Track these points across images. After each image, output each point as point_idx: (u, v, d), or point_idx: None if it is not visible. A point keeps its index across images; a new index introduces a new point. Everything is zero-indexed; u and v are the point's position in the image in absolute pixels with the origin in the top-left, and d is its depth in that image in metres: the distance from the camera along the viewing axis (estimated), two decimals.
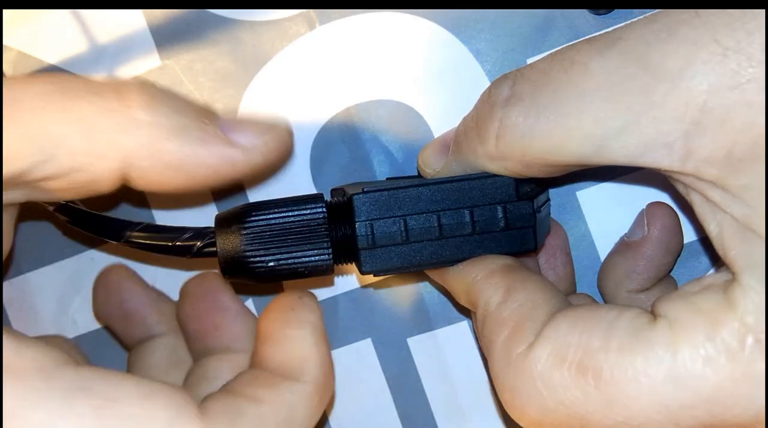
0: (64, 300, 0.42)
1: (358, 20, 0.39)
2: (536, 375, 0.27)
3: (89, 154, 0.27)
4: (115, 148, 0.27)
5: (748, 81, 0.24)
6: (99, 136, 0.27)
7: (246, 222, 0.32)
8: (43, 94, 0.27)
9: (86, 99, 0.27)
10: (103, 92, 0.27)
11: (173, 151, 0.28)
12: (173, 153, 0.28)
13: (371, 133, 0.39)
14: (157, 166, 0.28)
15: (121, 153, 0.27)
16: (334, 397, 0.41)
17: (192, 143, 0.28)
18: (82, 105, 0.27)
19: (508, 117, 0.29)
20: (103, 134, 0.27)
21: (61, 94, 0.27)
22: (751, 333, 0.24)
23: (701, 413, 0.25)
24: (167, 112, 0.28)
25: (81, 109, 0.27)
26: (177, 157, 0.28)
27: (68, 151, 0.27)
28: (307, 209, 0.33)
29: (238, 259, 0.32)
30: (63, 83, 0.27)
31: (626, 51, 0.26)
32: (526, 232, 0.33)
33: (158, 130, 0.28)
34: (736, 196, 0.25)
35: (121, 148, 0.27)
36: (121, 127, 0.27)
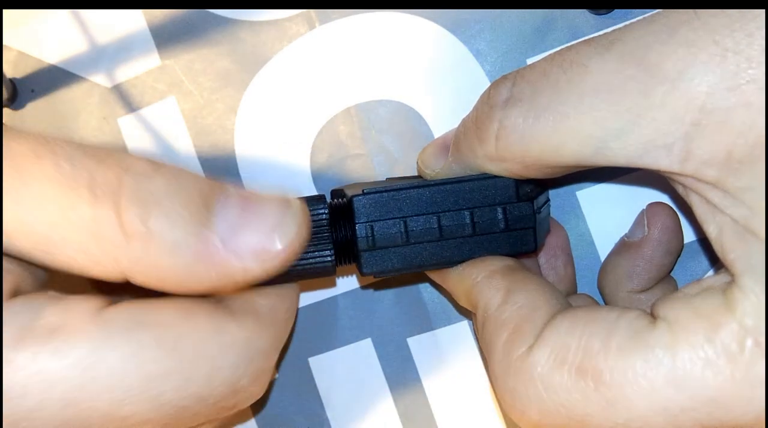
0: None
1: (358, 20, 0.39)
2: (536, 377, 0.27)
3: (86, 260, 0.27)
4: (110, 260, 0.26)
5: (747, 82, 0.24)
6: (96, 246, 0.26)
7: None
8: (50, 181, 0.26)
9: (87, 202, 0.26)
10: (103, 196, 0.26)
11: (167, 269, 0.27)
12: (167, 270, 0.27)
13: (371, 133, 0.39)
14: (152, 280, 0.27)
15: (117, 266, 0.27)
16: None
17: (186, 260, 0.27)
18: (82, 208, 0.26)
19: (508, 118, 0.29)
20: (99, 245, 0.26)
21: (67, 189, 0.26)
22: (750, 335, 0.24)
23: (701, 415, 0.25)
24: (164, 224, 0.26)
25: (81, 212, 0.26)
26: (171, 273, 0.27)
27: (66, 253, 0.26)
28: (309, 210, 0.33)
29: None
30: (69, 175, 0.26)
31: (625, 52, 0.26)
32: (526, 233, 0.33)
33: (152, 247, 0.26)
34: (736, 197, 0.25)
35: (115, 261, 0.27)
36: (116, 242, 0.26)
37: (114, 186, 0.26)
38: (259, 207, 0.28)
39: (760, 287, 0.24)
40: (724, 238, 0.26)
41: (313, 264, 0.32)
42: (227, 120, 0.40)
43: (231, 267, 0.27)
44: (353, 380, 0.41)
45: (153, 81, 0.40)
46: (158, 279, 0.27)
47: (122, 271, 0.27)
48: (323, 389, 0.41)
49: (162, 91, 0.40)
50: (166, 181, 0.27)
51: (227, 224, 0.27)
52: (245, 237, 0.27)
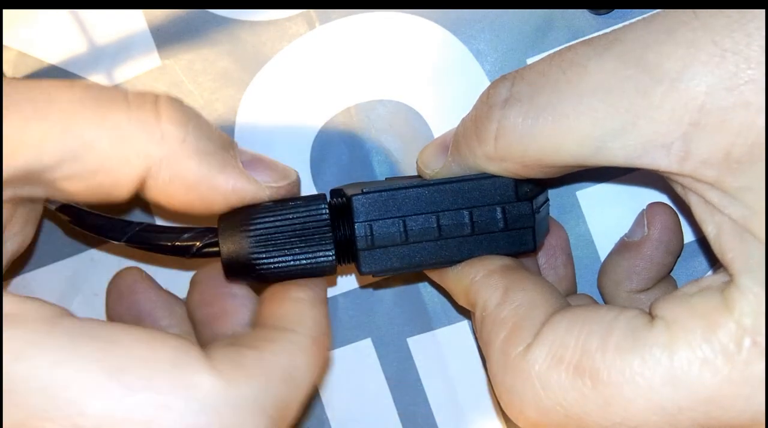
0: (64, 300, 0.42)
1: (358, 20, 0.39)
2: (534, 376, 0.27)
3: (116, 159, 0.28)
4: (140, 157, 0.29)
5: (746, 82, 0.24)
6: (128, 144, 0.28)
7: (249, 224, 0.32)
8: (80, 100, 0.28)
9: (122, 108, 0.28)
10: (139, 103, 0.29)
11: (193, 170, 0.29)
12: (193, 171, 0.29)
13: (371, 133, 0.39)
14: (175, 180, 0.29)
15: (146, 162, 0.29)
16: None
17: (212, 167, 0.30)
18: (117, 113, 0.28)
19: (507, 118, 0.29)
20: (132, 142, 0.28)
21: (98, 101, 0.28)
22: (748, 335, 0.24)
23: (698, 414, 0.25)
24: (197, 132, 0.30)
25: (115, 116, 0.28)
26: (195, 176, 0.29)
27: (96, 153, 0.28)
28: (309, 210, 0.33)
29: (242, 262, 0.32)
30: (101, 92, 0.29)
31: (624, 52, 0.26)
32: (525, 233, 0.33)
33: (184, 147, 0.29)
34: (735, 197, 0.25)
35: (146, 157, 0.29)
36: (151, 137, 0.29)
37: (150, 99, 0.29)
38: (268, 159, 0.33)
39: (759, 287, 0.24)
40: (722, 238, 0.26)
41: (315, 263, 0.32)
42: (227, 120, 0.40)
43: (247, 185, 0.31)
44: (353, 380, 0.41)
45: (153, 81, 0.40)
46: (181, 181, 0.29)
47: (147, 170, 0.29)
48: (323, 389, 0.41)
49: (162, 91, 0.40)
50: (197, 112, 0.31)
51: (245, 158, 0.32)
52: (259, 172, 0.32)
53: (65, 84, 0.29)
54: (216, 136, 0.31)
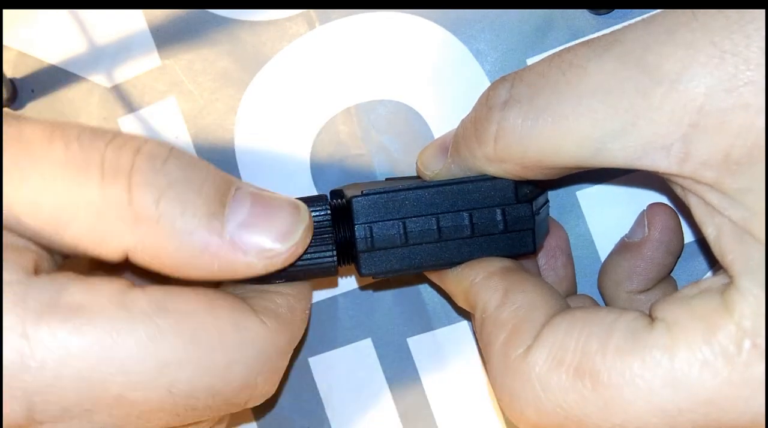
0: None
1: (358, 20, 0.39)
2: (534, 378, 0.27)
3: (92, 240, 0.27)
4: (116, 240, 0.27)
5: (745, 84, 0.24)
6: (103, 225, 0.27)
7: None
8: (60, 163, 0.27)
9: (97, 182, 0.26)
10: (113, 176, 0.27)
11: (173, 254, 0.27)
12: (173, 255, 0.27)
13: (371, 133, 0.39)
14: (155, 262, 0.28)
15: (123, 245, 0.27)
16: None
17: (193, 248, 0.27)
18: (92, 188, 0.26)
19: (507, 119, 0.29)
20: (106, 223, 0.27)
21: (76, 169, 0.26)
22: (748, 337, 0.24)
23: (698, 416, 0.25)
24: (174, 211, 0.27)
25: (90, 193, 0.26)
26: (176, 259, 0.28)
27: (73, 233, 0.27)
28: (311, 211, 0.33)
29: None
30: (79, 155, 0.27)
31: (624, 53, 0.26)
32: (525, 234, 0.33)
33: (160, 230, 0.27)
34: (734, 199, 0.25)
35: (122, 241, 0.27)
36: (124, 221, 0.27)
37: (126, 167, 0.27)
38: (271, 209, 0.29)
39: (758, 289, 0.24)
40: (722, 240, 0.26)
41: (316, 264, 0.32)
42: (227, 120, 0.40)
43: (235, 262, 0.28)
44: (353, 380, 0.41)
45: (153, 81, 0.40)
46: (160, 263, 0.28)
47: (126, 251, 0.28)
48: (323, 389, 0.41)
49: (162, 91, 0.40)
50: (181, 167, 0.28)
51: (238, 220, 0.28)
52: (254, 236, 0.28)
53: (45, 139, 0.27)
54: (200, 202, 0.27)
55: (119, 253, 0.28)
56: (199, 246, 0.27)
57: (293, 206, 0.29)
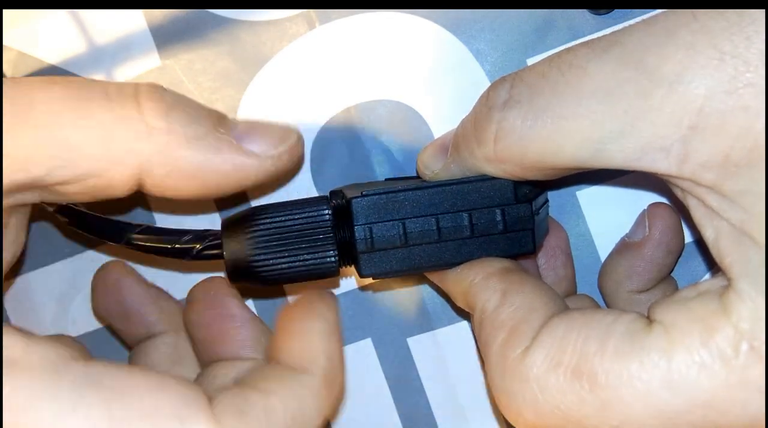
0: (64, 300, 0.42)
1: (358, 20, 0.39)
2: (532, 379, 0.27)
3: (106, 161, 0.28)
4: (131, 155, 0.28)
5: (745, 86, 0.24)
6: (115, 143, 0.27)
7: (252, 226, 0.32)
8: (61, 99, 0.27)
9: (103, 106, 0.28)
10: (120, 99, 0.28)
11: (188, 159, 0.28)
12: (188, 160, 0.28)
13: (371, 133, 0.39)
14: (172, 173, 0.28)
15: (137, 160, 0.28)
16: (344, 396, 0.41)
17: (206, 151, 0.29)
18: (99, 112, 0.27)
19: (506, 120, 0.29)
20: (119, 141, 0.28)
21: (79, 100, 0.27)
22: (745, 339, 0.24)
23: (696, 419, 0.25)
24: (182, 119, 0.29)
25: (98, 115, 0.27)
26: (191, 165, 0.29)
27: (85, 157, 0.27)
28: (312, 212, 0.33)
29: (245, 265, 0.32)
30: (80, 89, 0.28)
31: (624, 54, 0.26)
32: (525, 235, 0.32)
33: (173, 138, 0.28)
34: (733, 201, 0.25)
35: (137, 155, 0.28)
36: (137, 134, 0.28)
37: (131, 91, 0.28)
38: (263, 124, 0.31)
39: (756, 291, 0.24)
40: (720, 242, 0.26)
41: (318, 266, 0.32)
42: None
43: (246, 161, 0.30)
44: (353, 380, 0.41)
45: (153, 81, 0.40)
46: (178, 172, 0.28)
47: (140, 167, 0.28)
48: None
49: None
50: (178, 95, 0.30)
51: (239, 130, 0.30)
52: (255, 143, 0.30)
53: (44, 83, 0.28)
54: (204, 116, 0.29)
55: (133, 175, 0.28)
56: (210, 149, 0.29)
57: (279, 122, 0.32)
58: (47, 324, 0.43)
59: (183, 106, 0.29)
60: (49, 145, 0.27)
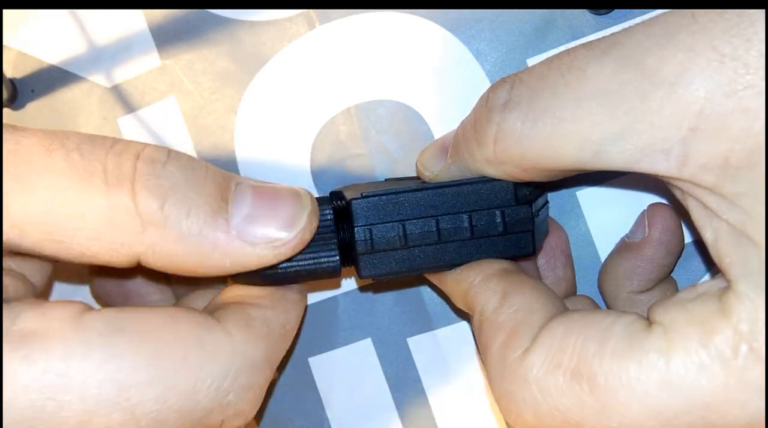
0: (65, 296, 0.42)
1: (358, 20, 0.39)
2: (531, 381, 0.27)
3: (99, 246, 0.27)
4: (125, 247, 0.27)
5: (744, 88, 0.24)
6: (110, 233, 0.27)
7: None
8: (61, 173, 0.27)
9: (100, 190, 0.27)
10: (117, 183, 0.27)
11: (182, 256, 0.28)
12: (182, 257, 0.28)
13: (371, 133, 0.39)
14: (167, 265, 0.28)
15: (132, 250, 0.27)
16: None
17: (203, 247, 0.28)
18: (95, 196, 0.27)
19: (506, 121, 0.29)
20: (114, 232, 0.27)
21: (78, 178, 0.27)
22: (745, 341, 0.24)
23: (695, 420, 0.25)
24: (179, 213, 0.27)
25: (95, 201, 0.27)
26: (186, 261, 0.28)
27: (79, 241, 0.27)
28: None
29: None
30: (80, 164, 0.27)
31: (624, 56, 0.26)
32: (525, 236, 0.32)
33: (166, 234, 0.27)
34: (733, 202, 0.25)
35: (130, 247, 0.27)
36: (131, 229, 0.27)
37: (128, 173, 0.27)
38: (274, 199, 0.29)
39: (756, 293, 0.24)
40: (720, 243, 0.26)
41: (319, 266, 0.32)
42: (227, 120, 0.40)
43: (245, 255, 0.28)
44: (353, 380, 0.41)
45: (153, 81, 0.40)
46: (173, 264, 0.28)
47: (136, 256, 0.28)
48: (323, 389, 0.41)
49: (162, 91, 0.40)
50: (181, 168, 0.28)
51: (242, 214, 0.28)
52: (260, 228, 0.28)
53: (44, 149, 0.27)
54: (203, 202, 0.28)
55: (130, 259, 0.28)
56: (208, 245, 0.28)
57: (294, 193, 0.30)
58: None
59: (181, 193, 0.27)
60: (46, 219, 0.27)
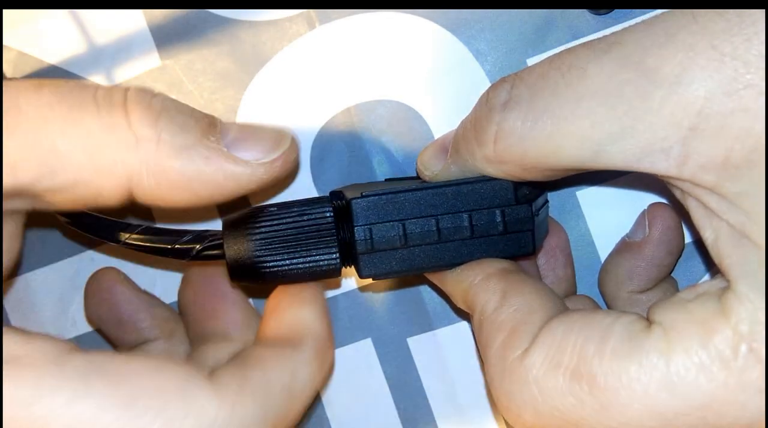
0: (64, 300, 0.42)
1: (358, 20, 0.39)
2: (531, 381, 0.27)
3: (93, 171, 0.27)
4: (118, 166, 0.27)
5: (745, 87, 0.24)
6: (103, 153, 0.27)
7: (254, 226, 0.32)
8: (50, 104, 0.27)
9: (92, 113, 0.27)
10: (108, 106, 0.27)
11: (177, 170, 0.28)
12: (177, 171, 0.28)
13: (371, 133, 0.39)
14: (162, 184, 0.28)
15: (125, 170, 0.28)
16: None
17: (196, 161, 0.28)
18: (87, 119, 0.27)
19: (506, 120, 0.29)
20: (107, 151, 0.27)
21: (68, 106, 0.27)
22: (744, 341, 0.24)
23: (695, 420, 0.25)
24: (171, 128, 0.28)
25: (86, 123, 0.27)
26: (181, 176, 0.28)
27: (73, 167, 0.27)
28: (314, 211, 0.33)
29: (247, 264, 0.32)
30: (70, 94, 0.27)
31: (624, 56, 0.26)
32: (525, 236, 0.32)
33: (162, 148, 0.28)
34: (733, 202, 0.25)
35: (124, 165, 0.27)
36: (126, 144, 0.27)
37: (119, 99, 0.28)
38: (256, 128, 0.31)
39: (755, 293, 0.24)
40: (720, 243, 0.26)
41: (320, 265, 0.32)
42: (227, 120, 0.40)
43: (237, 169, 0.29)
44: (353, 380, 0.41)
45: (153, 81, 0.40)
46: (167, 183, 0.28)
47: (129, 178, 0.28)
48: (323, 389, 0.41)
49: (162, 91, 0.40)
50: (169, 99, 0.29)
51: (230, 137, 0.30)
52: (247, 150, 0.30)
53: (33, 86, 0.27)
54: (193, 122, 0.29)
55: (122, 185, 0.28)
56: (200, 159, 0.28)
57: (274, 125, 0.31)
58: (47, 325, 0.43)
59: (172, 113, 0.28)
60: (37, 151, 0.27)
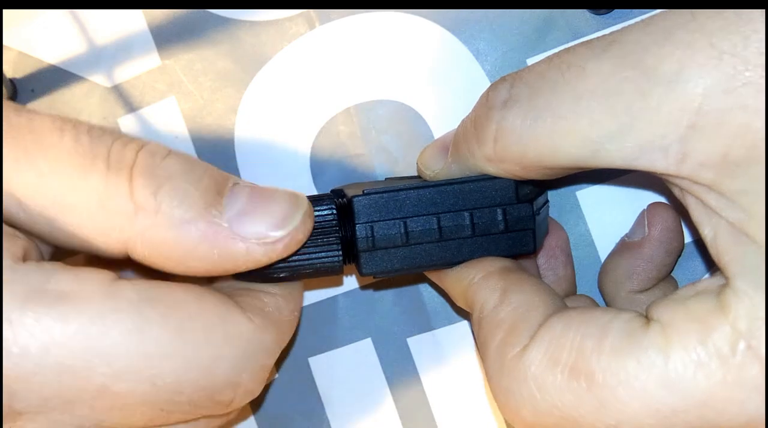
0: None
1: (358, 20, 0.39)
2: (530, 378, 0.27)
3: (92, 228, 0.28)
4: (116, 231, 0.28)
5: (743, 84, 0.24)
6: (103, 216, 0.27)
7: None
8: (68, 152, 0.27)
9: (101, 172, 0.27)
10: (117, 167, 0.27)
11: (170, 244, 0.28)
12: (171, 246, 0.28)
13: (371, 133, 0.39)
14: (154, 255, 0.28)
15: (122, 236, 0.28)
16: None
17: (192, 237, 0.28)
18: (95, 178, 0.27)
19: (506, 119, 0.29)
20: (107, 215, 0.27)
21: (83, 157, 0.27)
22: (743, 338, 0.24)
23: (693, 418, 0.25)
24: (172, 199, 0.28)
25: (94, 182, 0.27)
26: (174, 251, 0.28)
27: (73, 223, 0.27)
28: (316, 210, 0.33)
29: None
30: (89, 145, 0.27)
31: (622, 54, 0.26)
32: (525, 234, 0.33)
33: (160, 220, 0.27)
34: (732, 200, 0.25)
35: (121, 232, 0.28)
36: (125, 213, 0.27)
37: (129, 161, 0.28)
38: (268, 198, 0.29)
39: (754, 290, 0.24)
40: (719, 241, 0.26)
41: (322, 263, 0.32)
42: (227, 120, 0.40)
43: (234, 250, 0.28)
44: (353, 380, 0.41)
45: (153, 81, 0.40)
46: (161, 254, 0.28)
47: (125, 243, 0.28)
48: (323, 389, 0.41)
49: (162, 91, 0.40)
50: (180, 162, 0.28)
51: (236, 209, 0.29)
52: (252, 224, 0.29)
53: (56, 128, 0.27)
54: (198, 193, 0.28)
55: (119, 247, 0.28)
56: (197, 235, 0.28)
57: (291, 194, 0.30)
58: None
59: (177, 182, 0.28)
60: (45, 196, 0.27)
